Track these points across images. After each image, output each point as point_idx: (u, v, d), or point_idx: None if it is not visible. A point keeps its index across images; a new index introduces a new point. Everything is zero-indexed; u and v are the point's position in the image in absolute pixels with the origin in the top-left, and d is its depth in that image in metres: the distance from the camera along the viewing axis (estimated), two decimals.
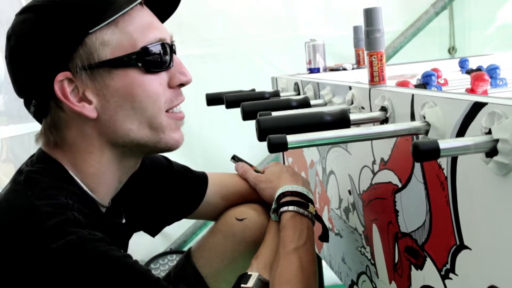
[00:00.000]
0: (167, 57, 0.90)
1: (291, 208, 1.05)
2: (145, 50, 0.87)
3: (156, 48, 0.88)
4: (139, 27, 0.87)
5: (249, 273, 0.99)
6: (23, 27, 0.87)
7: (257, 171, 1.23)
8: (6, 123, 1.37)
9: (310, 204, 1.07)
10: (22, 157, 1.45)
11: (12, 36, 0.87)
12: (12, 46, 0.87)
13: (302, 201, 1.07)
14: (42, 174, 0.85)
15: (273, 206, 1.10)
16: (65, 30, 0.84)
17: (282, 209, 1.06)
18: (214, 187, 1.21)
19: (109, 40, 0.85)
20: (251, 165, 1.26)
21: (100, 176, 0.90)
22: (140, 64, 0.86)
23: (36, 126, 0.94)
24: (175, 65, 0.92)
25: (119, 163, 0.92)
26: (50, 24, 0.85)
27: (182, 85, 0.93)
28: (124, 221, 1.02)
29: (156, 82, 0.89)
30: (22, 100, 0.90)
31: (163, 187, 1.16)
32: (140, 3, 0.89)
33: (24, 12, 0.88)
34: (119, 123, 0.88)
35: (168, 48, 0.90)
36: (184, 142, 0.95)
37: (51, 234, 0.75)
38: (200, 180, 1.20)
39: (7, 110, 1.35)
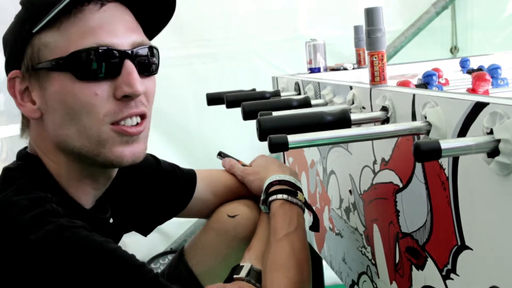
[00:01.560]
0: (109, 65, 0.82)
1: (279, 196, 1.05)
2: (73, 55, 0.81)
3: (91, 54, 0.81)
4: (81, 30, 0.82)
5: (241, 264, 0.99)
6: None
7: (244, 166, 1.23)
8: (6, 123, 1.37)
9: (299, 192, 1.07)
10: None
11: None
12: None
13: (291, 189, 1.07)
14: (20, 171, 0.86)
15: (262, 197, 1.10)
16: (18, 29, 0.86)
17: (271, 198, 1.06)
18: (202, 183, 1.20)
19: (49, 42, 0.83)
20: (238, 160, 1.25)
21: (65, 177, 0.88)
22: (70, 70, 0.82)
23: None
24: (124, 74, 0.83)
25: (81, 170, 0.89)
26: (14, 22, 0.88)
27: (129, 97, 0.84)
28: (111, 220, 1.01)
29: (90, 91, 0.82)
30: None
31: (152, 186, 1.15)
32: (101, 4, 0.84)
33: None
34: (58, 127, 0.85)
35: (113, 55, 0.82)
36: (184, 142, 0.93)
37: (29, 226, 0.74)
38: (188, 176, 1.20)
39: (7, 109, 1.35)
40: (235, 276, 0.96)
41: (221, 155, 1.29)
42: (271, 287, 0.93)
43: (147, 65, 0.88)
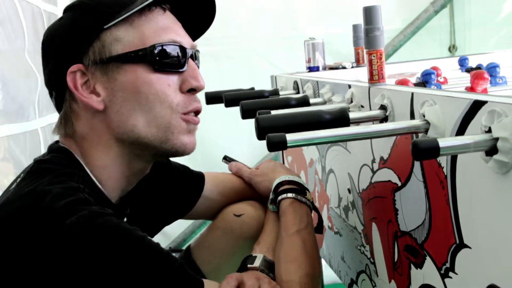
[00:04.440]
0: (179, 60, 0.91)
1: (290, 195, 1.06)
2: (154, 47, 0.88)
3: (167, 48, 0.89)
4: (153, 27, 0.90)
5: (253, 254, 1.00)
6: (55, 23, 0.95)
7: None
8: (2, 122, 1.38)
9: (307, 191, 1.08)
10: (18, 156, 1.45)
11: (46, 31, 0.94)
12: (43, 39, 0.94)
13: (299, 189, 1.08)
14: (53, 163, 0.88)
15: (270, 197, 1.11)
16: (83, 26, 0.90)
17: (281, 197, 1.07)
18: (211, 183, 1.22)
19: (122, 37, 0.89)
20: (243, 165, 1.26)
21: (108, 170, 0.91)
22: (147, 61, 0.88)
23: (32, 125, 0.94)
24: (189, 70, 0.92)
25: (128, 163, 0.93)
26: (73, 20, 0.91)
27: (194, 91, 0.93)
28: (125, 219, 1.02)
29: (164, 82, 0.89)
30: (18, 100, 0.92)
31: (164, 185, 1.17)
32: (164, 9, 0.92)
33: (64, 12, 0.96)
34: (124, 118, 0.89)
35: (182, 52, 0.91)
36: None
37: (63, 212, 0.77)
38: (197, 177, 1.22)
39: (4, 109, 1.35)
40: (248, 265, 0.97)
41: (226, 159, 1.30)
42: (286, 277, 0.94)
43: (198, 67, 0.96)
